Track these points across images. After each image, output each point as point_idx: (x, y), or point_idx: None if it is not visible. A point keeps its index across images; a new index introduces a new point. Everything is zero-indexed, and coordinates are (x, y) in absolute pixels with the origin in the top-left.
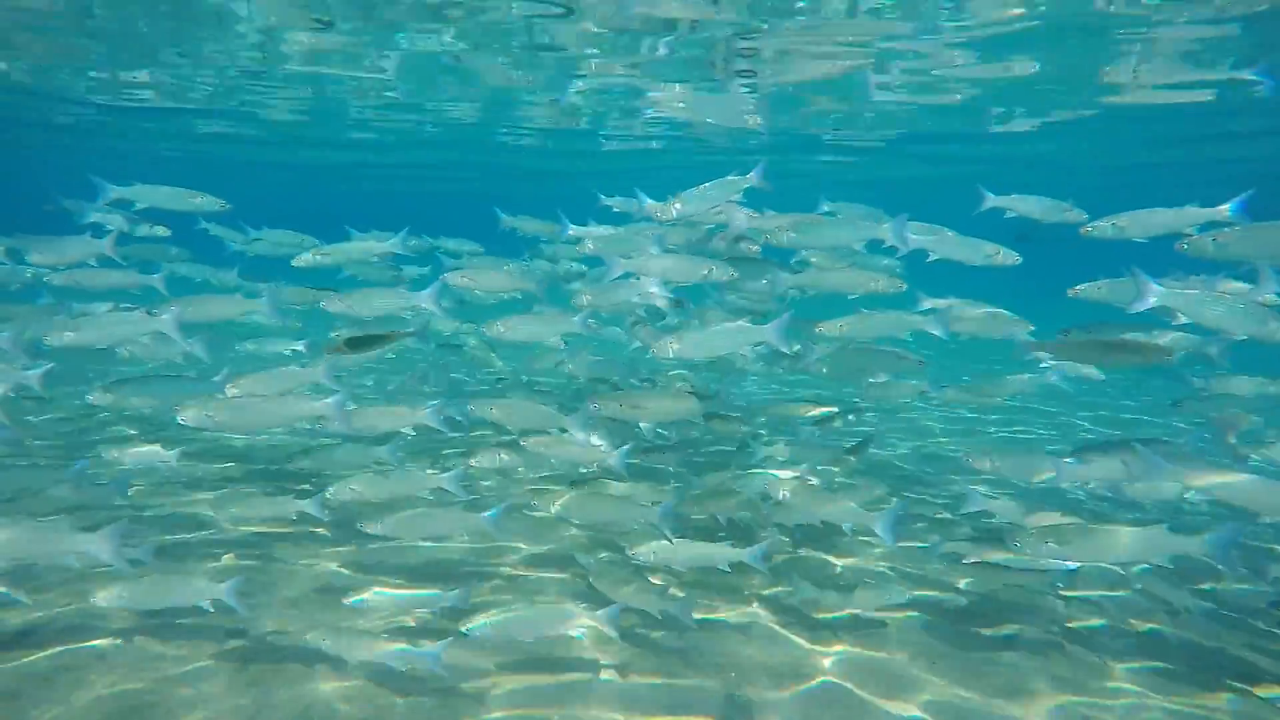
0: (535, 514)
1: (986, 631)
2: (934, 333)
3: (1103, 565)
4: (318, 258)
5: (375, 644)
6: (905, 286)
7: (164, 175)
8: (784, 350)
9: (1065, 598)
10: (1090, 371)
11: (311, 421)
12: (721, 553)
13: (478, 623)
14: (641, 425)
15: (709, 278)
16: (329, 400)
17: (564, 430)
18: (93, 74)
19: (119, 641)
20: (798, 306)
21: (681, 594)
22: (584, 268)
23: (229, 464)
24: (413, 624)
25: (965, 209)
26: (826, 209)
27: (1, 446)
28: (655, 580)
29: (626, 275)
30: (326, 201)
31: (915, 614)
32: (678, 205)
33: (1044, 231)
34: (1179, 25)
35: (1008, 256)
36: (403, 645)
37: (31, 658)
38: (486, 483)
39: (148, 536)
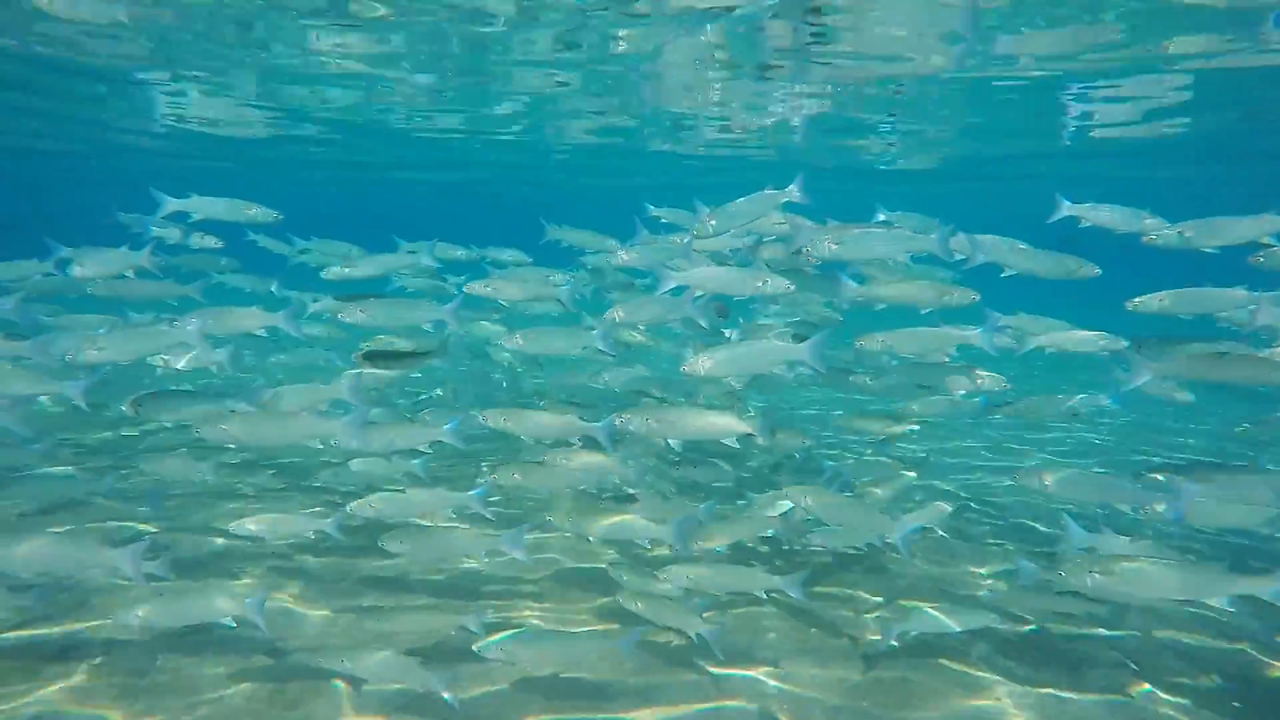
0: (559, 532)
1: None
2: (986, 349)
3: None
4: (346, 270)
5: (395, 663)
6: (977, 297)
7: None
8: (820, 370)
9: None
10: (1183, 395)
11: (326, 440)
12: (756, 579)
13: (494, 639)
14: (671, 442)
15: (763, 290)
16: (344, 418)
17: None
18: None
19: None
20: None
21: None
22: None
23: (269, 473)
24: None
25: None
26: (882, 218)
27: (40, 457)
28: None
29: (678, 289)
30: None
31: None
32: (712, 222)
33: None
34: None
35: (1088, 269)
36: (421, 666)
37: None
38: (502, 499)
39: (169, 552)
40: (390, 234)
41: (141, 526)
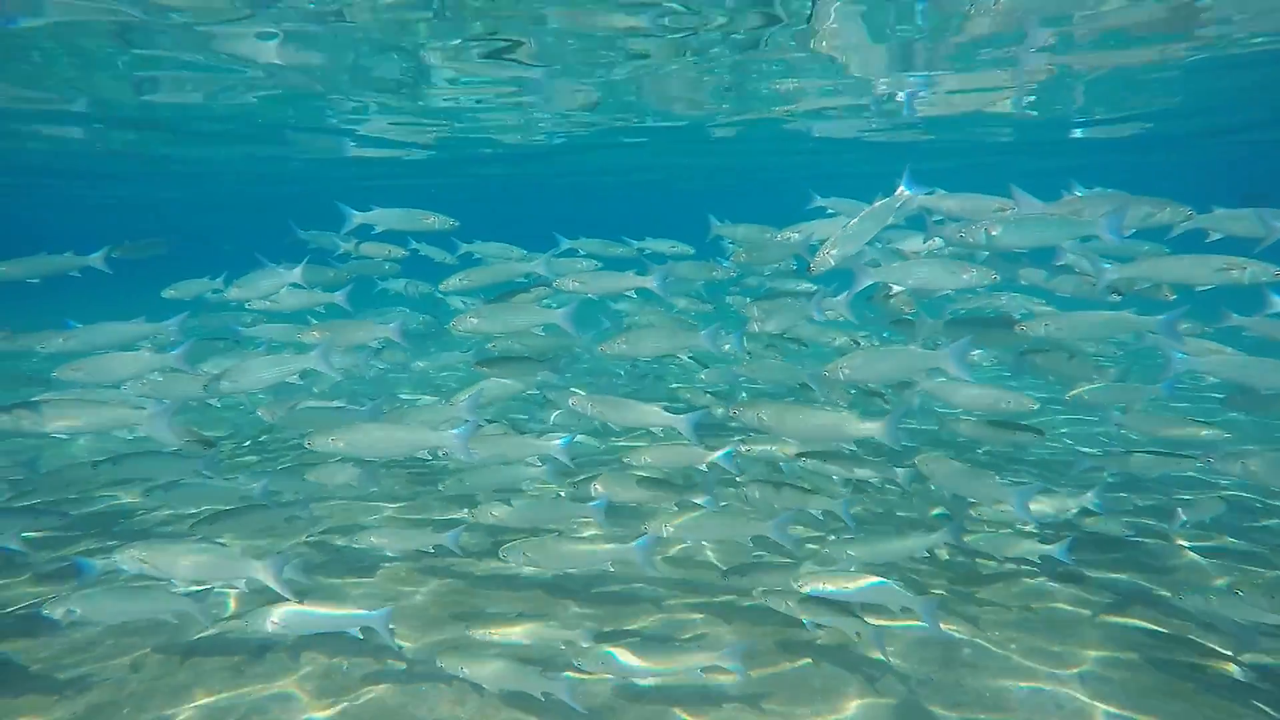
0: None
1: None
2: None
3: None
4: (462, 282)
5: (510, 669)
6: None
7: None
8: (965, 379)
9: None
10: None
11: (433, 452)
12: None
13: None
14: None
15: (968, 283)
16: (454, 431)
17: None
18: None
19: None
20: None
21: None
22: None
23: (412, 481)
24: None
25: None
26: (1079, 192)
27: (204, 466)
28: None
29: (879, 286)
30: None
31: None
32: (833, 252)
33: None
34: None
35: None
36: (535, 671)
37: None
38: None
39: (300, 560)
40: (553, 230)
41: (290, 542)
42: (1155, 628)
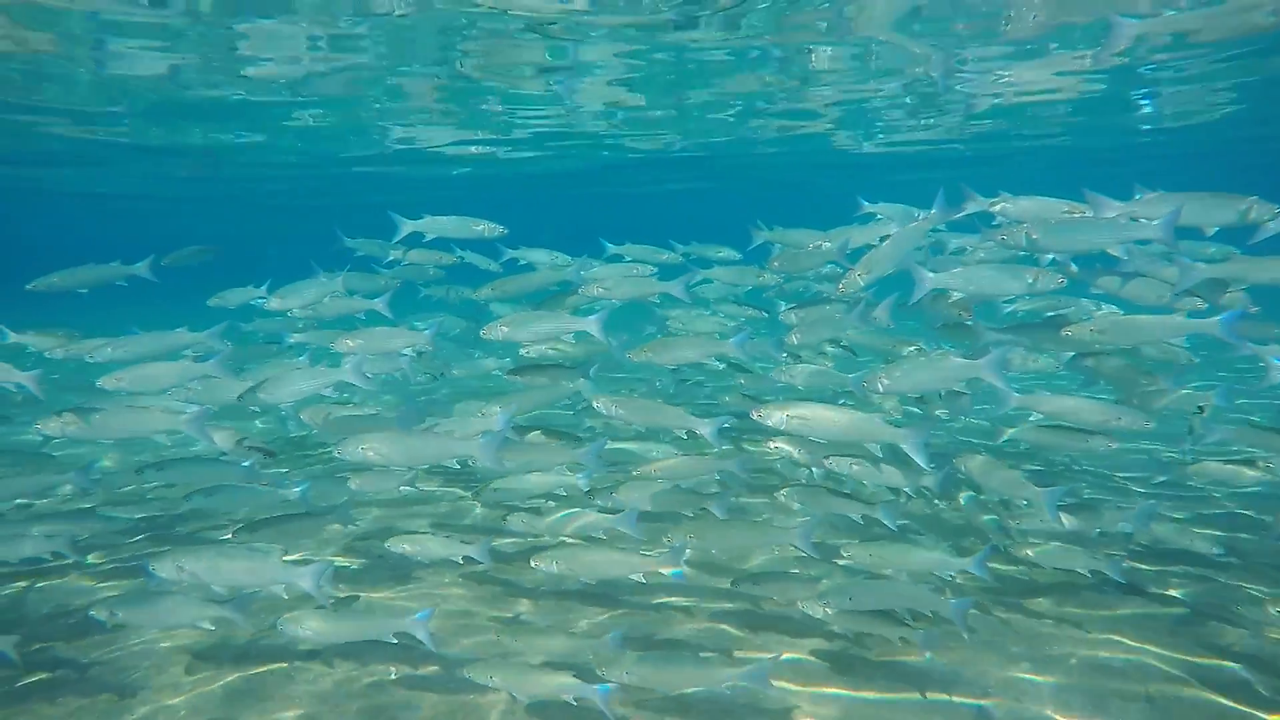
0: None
1: None
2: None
3: None
4: (493, 292)
5: (543, 677)
6: None
7: None
8: (1002, 388)
9: None
10: None
11: (461, 460)
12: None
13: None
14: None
15: (1034, 287)
16: (480, 439)
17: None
18: None
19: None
20: None
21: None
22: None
23: (453, 487)
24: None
25: None
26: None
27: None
28: None
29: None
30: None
31: None
32: (863, 274)
33: None
34: None
35: None
36: (571, 679)
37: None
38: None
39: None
40: (599, 238)
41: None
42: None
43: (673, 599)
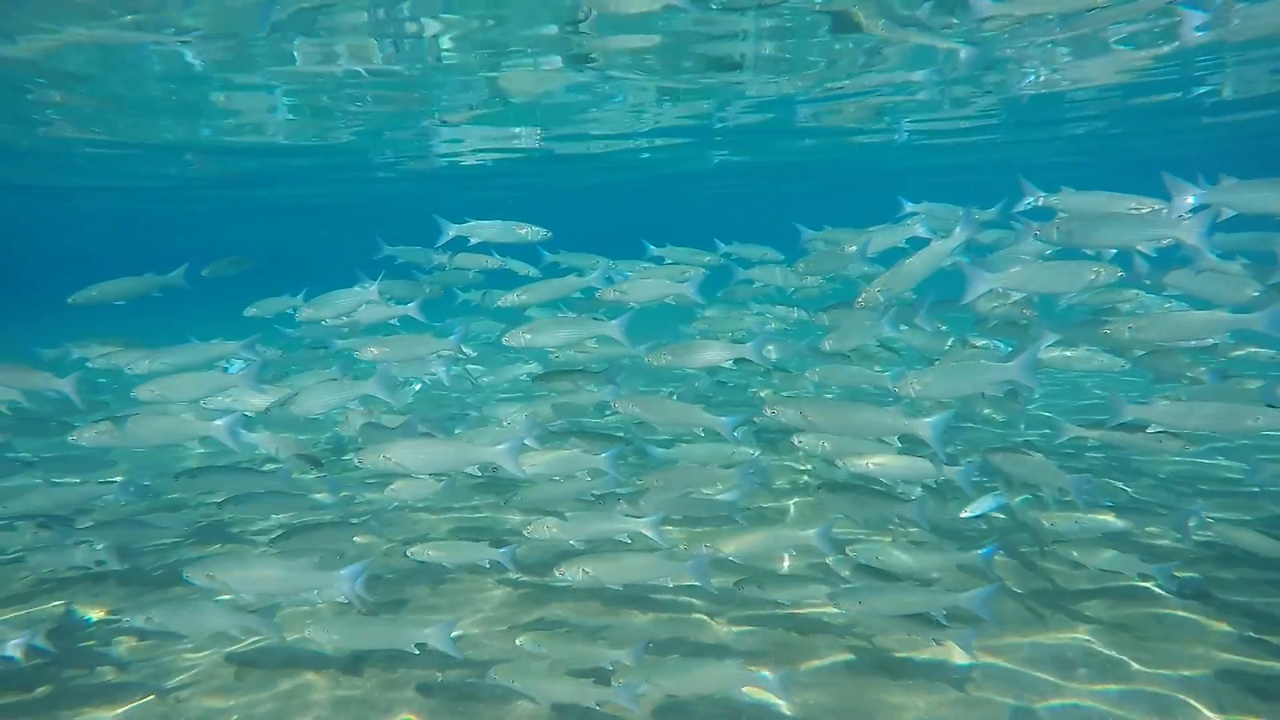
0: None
1: None
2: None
3: None
4: (521, 298)
5: (562, 683)
6: None
7: None
8: (1031, 387)
9: None
10: None
11: (484, 468)
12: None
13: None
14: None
15: (1095, 282)
16: (501, 446)
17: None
18: None
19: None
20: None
21: None
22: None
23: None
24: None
25: None
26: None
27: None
28: None
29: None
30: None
31: None
32: (880, 288)
33: None
34: None
35: None
36: (589, 683)
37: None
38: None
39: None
40: (641, 238)
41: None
42: None
43: (694, 600)
